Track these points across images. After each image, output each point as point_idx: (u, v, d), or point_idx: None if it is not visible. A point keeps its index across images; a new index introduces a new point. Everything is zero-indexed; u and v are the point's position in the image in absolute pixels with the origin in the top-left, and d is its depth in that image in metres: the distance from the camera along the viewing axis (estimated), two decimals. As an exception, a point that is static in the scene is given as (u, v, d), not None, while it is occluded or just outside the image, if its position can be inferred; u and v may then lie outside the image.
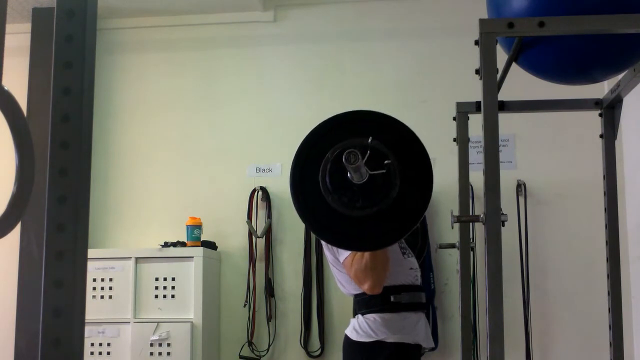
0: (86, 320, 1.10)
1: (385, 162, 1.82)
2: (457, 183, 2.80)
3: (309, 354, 4.09)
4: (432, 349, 2.71)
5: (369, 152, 1.80)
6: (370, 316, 2.52)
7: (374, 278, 2.39)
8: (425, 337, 2.59)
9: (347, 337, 2.58)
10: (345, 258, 2.45)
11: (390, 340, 2.48)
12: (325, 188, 1.85)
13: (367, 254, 2.37)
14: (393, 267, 2.59)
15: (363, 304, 2.57)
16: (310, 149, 1.94)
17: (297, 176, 1.94)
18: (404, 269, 2.62)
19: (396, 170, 1.85)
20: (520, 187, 4.03)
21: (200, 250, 3.94)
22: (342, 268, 2.55)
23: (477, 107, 2.53)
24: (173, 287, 3.89)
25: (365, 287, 2.43)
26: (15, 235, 3.87)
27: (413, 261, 2.69)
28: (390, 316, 2.51)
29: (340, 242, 2.00)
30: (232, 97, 4.43)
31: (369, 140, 1.83)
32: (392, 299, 2.52)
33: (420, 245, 3.01)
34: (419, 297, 2.62)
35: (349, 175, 1.79)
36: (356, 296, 2.59)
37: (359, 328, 2.54)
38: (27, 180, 1.14)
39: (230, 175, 4.33)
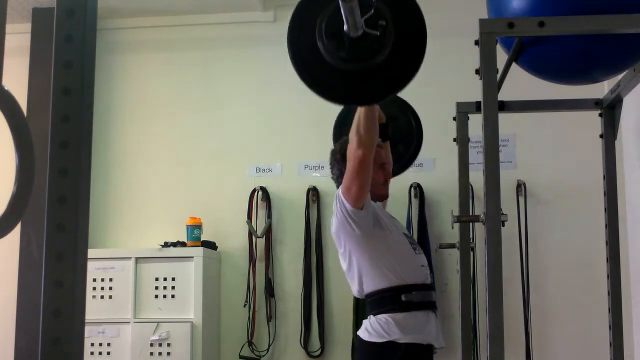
0: (86, 320, 1.10)
1: (380, 23, 1.82)
2: (457, 183, 2.80)
3: (309, 354, 4.09)
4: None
5: (372, 10, 1.80)
6: (382, 317, 2.52)
7: (365, 129, 2.35)
8: (437, 336, 2.59)
9: (359, 338, 2.58)
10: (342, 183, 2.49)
11: (402, 341, 2.47)
12: (320, 31, 1.85)
13: (354, 120, 2.38)
14: (405, 262, 2.59)
15: (375, 305, 2.56)
16: None
17: (297, 18, 1.93)
18: (416, 265, 2.61)
19: (391, 35, 1.85)
20: (520, 187, 4.02)
21: (200, 250, 3.94)
22: (364, 249, 2.54)
23: (477, 107, 2.53)
24: (173, 287, 3.89)
25: (355, 142, 2.38)
26: (15, 235, 3.87)
27: (423, 258, 2.69)
28: (402, 316, 2.51)
29: (323, 92, 1.99)
30: (232, 97, 4.43)
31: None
32: (403, 298, 2.52)
33: (408, 159, 3.05)
34: (430, 296, 2.62)
35: (345, 26, 1.79)
36: (368, 296, 2.59)
37: (371, 329, 2.53)
38: (27, 180, 1.14)
39: (230, 175, 4.33)
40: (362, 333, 2.57)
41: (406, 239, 2.65)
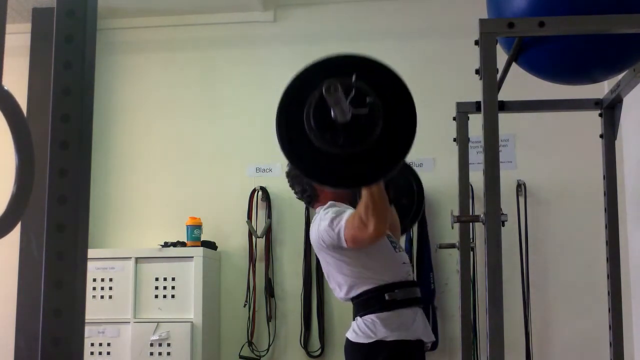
0: (86, 320, 1.10)
1: (368, 100, 1.80)
2: (457, 183, 2.80)
3: (309, 354, 4.09)
4: (434, 343, 2.69)
5: (353, 90, 1.79)
6: (368, 317, 2.53)
7: (376, 215, 2.34)
8: (425, 331, 2.59)
9: (347, 340, 2.59)
10: (345, 227, 2.45)
11: (390, 339, 2.48)
12: (309, 126, 1.84)
13: (364, 198, 2.34)
14: (386, 261, 2.60)
15: (361, 307, 2.57)
16: (296, 91, 1.92)
17: (282, 118, 1.93)
18: (397, 264, 2.62)
19: (380, 109, 1.84)
20: (520, 187, 4.02)
21: (200, 250, 3.94)
22: (341, 256, 2.55)
23: (477, 107, 2.53)
24: (173, 287, 3.89)
25: (371, 229, 2.37)
26: (15, 235, 3.87)
27: (404, 255, 2.70)
28: (387, 315, 2.52)
29: (324, 179, 1.98)
30: (232, 96, 4.43)
31: (353, 79, 1.81)
32: (386, 297, 2.52)
33: (416, 209, 3.01)
34: (413, 292, 2.62)
35: (332, 114, 1.79)
36: (353, 299, 2.60)
37: (358, 330, 2.54)
38: (27, 180, 1.14)
39: (230, 175, 4.33)
40: (349, 334, 2.58)
41: (386, 238, 2.65)
